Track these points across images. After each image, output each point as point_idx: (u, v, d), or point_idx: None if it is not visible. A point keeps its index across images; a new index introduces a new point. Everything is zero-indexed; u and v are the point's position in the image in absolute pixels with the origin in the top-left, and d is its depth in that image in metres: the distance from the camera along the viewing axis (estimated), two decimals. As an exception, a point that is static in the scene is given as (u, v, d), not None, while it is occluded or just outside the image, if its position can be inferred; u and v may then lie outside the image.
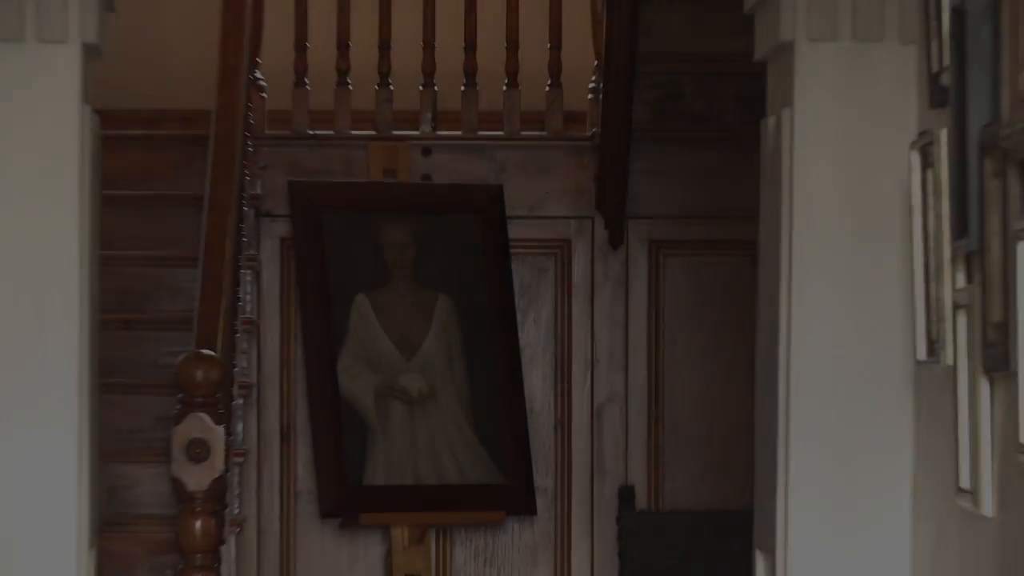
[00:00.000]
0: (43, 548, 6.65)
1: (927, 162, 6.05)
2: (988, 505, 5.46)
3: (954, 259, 5.75)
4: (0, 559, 6.57)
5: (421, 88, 11.44)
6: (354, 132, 11.41)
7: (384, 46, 11.37)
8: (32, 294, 6.56)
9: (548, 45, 11.45)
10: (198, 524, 9.70)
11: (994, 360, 5.31)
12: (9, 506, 6.58)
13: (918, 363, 6.29)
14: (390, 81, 11.38)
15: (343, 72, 11.38)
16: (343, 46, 11.37)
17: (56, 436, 6.59)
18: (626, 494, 11.33)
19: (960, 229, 5.63)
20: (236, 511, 10.40)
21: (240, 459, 10.49)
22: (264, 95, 11.24)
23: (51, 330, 6.58)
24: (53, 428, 6.60)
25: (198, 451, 9.68)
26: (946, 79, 5.81)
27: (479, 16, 11.41)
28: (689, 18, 10.78)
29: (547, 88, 11.49)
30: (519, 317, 11.26)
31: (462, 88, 11.43)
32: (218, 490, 9.72)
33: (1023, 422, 5.05)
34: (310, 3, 11.44)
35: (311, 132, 11.40)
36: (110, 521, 9.55)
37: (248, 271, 10.84)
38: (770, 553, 6.77)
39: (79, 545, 6.66)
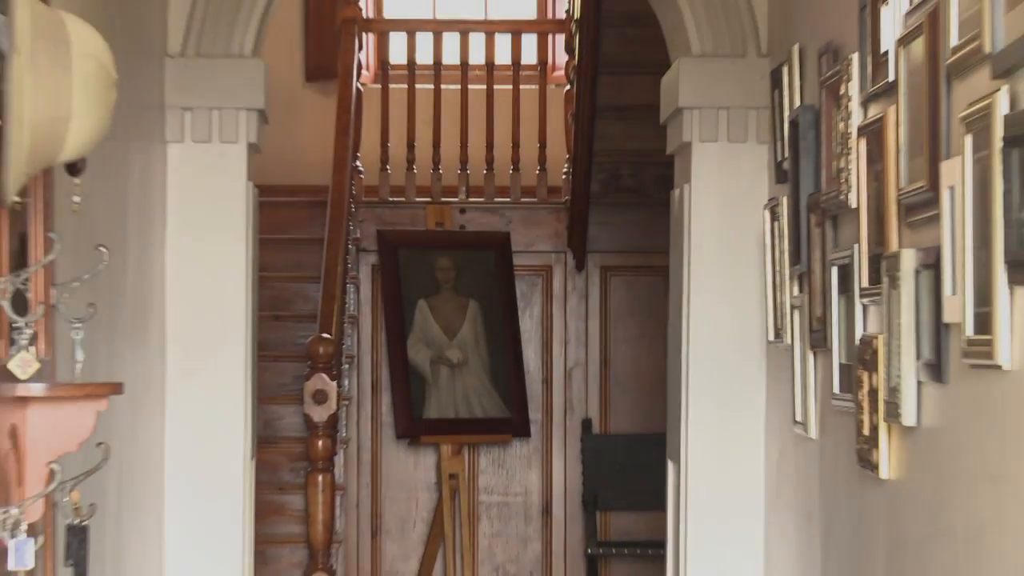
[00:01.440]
0: (225, 457, 6.64)
1: (774, 217, 6.05)
2: (813, 431, 5.49)
3: (791, 278, 5.78)
4: (200, 467, 6.58)
5: (459, 172, 11.38)
6: (417, 199, 11.37)
7: (436, 146, 11.32)
8: (218, 298, 6.58)
9: (537, 145, 11.40)
10: (320, 443, 9.67)
11: (816, 341, 5.40)
12: (206, 432, 6.58)
13: (769, 343, 6.35)
14: (440, 168, 11.33)
15: (410, 162, 11.32)
16: (410, 146, 11.31)
17: (233, 388, 6.63)
18: (586, 424, 11.26)
19: (795, 259, 5.67)
20: (344, 434, 10.36)
21: (346, 403, 10.45)
22: (361, 175, 11.19)
23: (230, 321, 6.58)
24: (231, 383, 6.63)
25: (320, 397, 9.65)
26: (786, 165, 5.81)
27: (495, 127, 11.37)
28: (626, 128, 10.71)
29: (537, 172, 11.42)
30: (520, 314, 11.21)
31: (484, 172, 11.37)
32: (332, 422, 9.69)
33: (835, 379, 5.05)
34: (391, 119, 11.39)
35: (390, 199, 11.35)
36: (264, 440, 9.54)
37: (351, 285, 10.81)
38: (676, 461, 6.77)
39: (245, 455, 6.69)
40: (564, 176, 11.42)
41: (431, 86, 11.53)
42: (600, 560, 11.10)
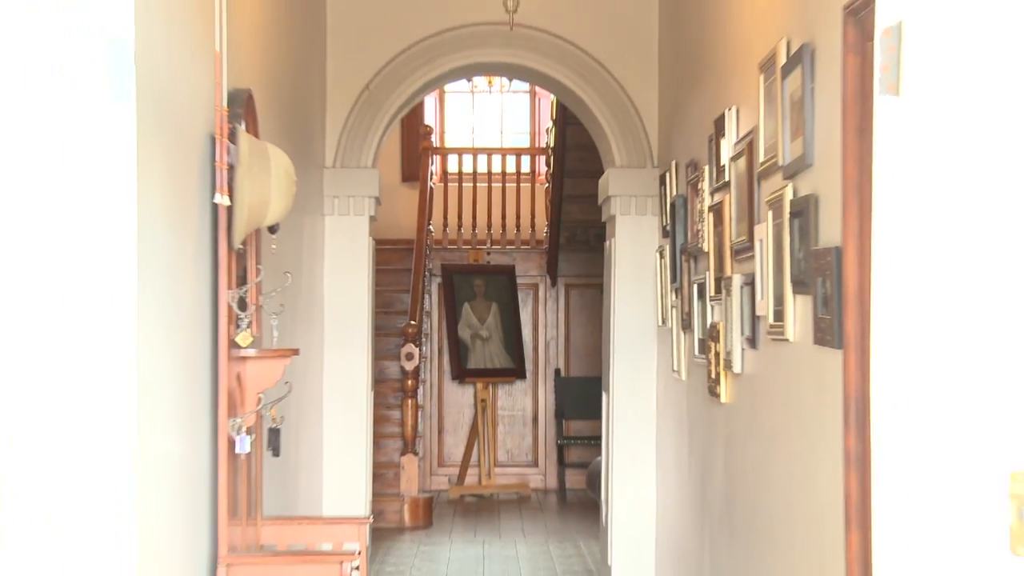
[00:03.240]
0: (357, 390, 6.57)
1: (661, 256, 6.01)
2: (683, 376, 5.43)
3: (671, 290, 5.72)
4: (343, 396, 6.51)
5: (487, 232, 11.38)
6: (463, 246, 11.36)
7: (474, 217, 11.29)
8: (353, 301, 6.53)
9: (530, 216, 11.39)
10: (409, 382, 9.66)
11: (685, 325, 5.33)
12: (346, 376, 6.52)
13: (658, 327, 6.28)
14: (476, 229, 11.31)
15: (459, 226, 11.32)
16: (459, 217, 11.31)
17: (360, 351, 6.54)
18: (557, 372, 11.24)
19: (673, 279, 5.62)
20: (422, 377, 10.34)
21: (424, 359, 10.45)
22: (431, 233, 11.17)
23: (359, 314, 6.53)
24: (360, 348, 6.55)
25: (409, 356, 9.61)
26: (668, 228, 5.77)
27: (506, 207, 11.35)
28: (579, 208, 10.69)
29: (530, 231, 11.42)
30: (520, 310, 11.20)
31: (500, 232, 11.37)
32: (416, 370, 9.70)
33: (695, 346, 5.01)
34: (448, 202, 11.39)
35: (448, 246, 11.34)
36: (378, 381, 9.51)
37: (426, 294, 10.81)
38: (607, 392, 6.72)
39: (368, 389, 6.63)
40: (545, 233, 11.40)
41: (470, 184, 11.53)
42: (565, 447, 11.10)
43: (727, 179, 4.30)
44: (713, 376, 4.54)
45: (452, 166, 11.97)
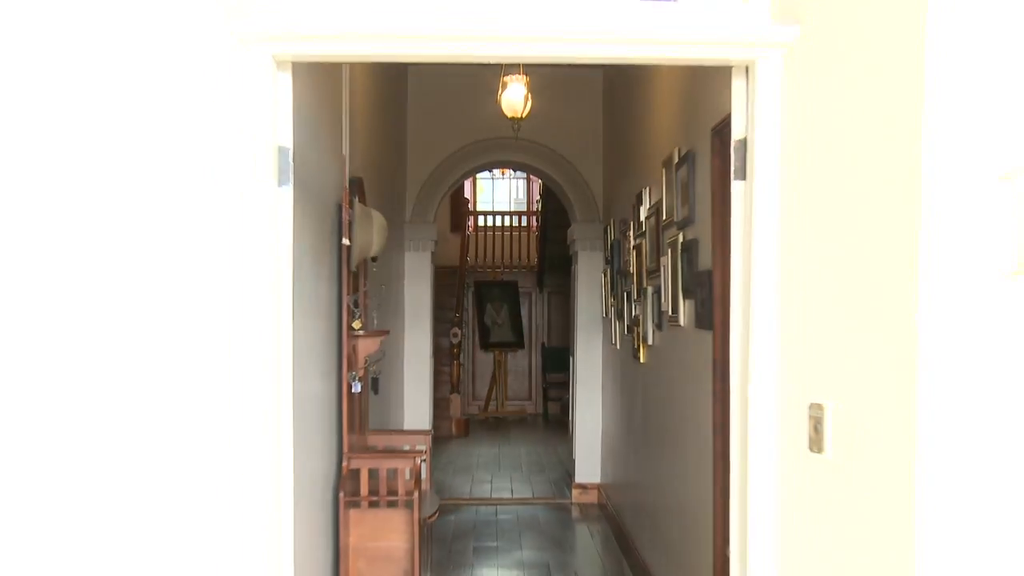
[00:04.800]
0: (421, 356, 6.44)
1: (605, 275, 5.90)
2: (618, 346, 5.32)
3: (611, 296, 5.61)
4: (414, 359, 6.38)
5: (501, 260, 11.29)
6: (486, 269, 11.22)
7: (492, 251, 11.20)
8: (419, 304, 6.45)
9: (527, 251, 11.32)
10: (455, 350, 9.57)
11: (618, 316, 5.19)
12: (416, 349, 6.40)
13: (603, 317, 6.16)
14: (494, 259, 11.23)
15: (484, 258, 11.23)
16: (484, 252, 11.22)
17: (424, 332, 6.42)
18: (543, 344, 11.17)
19: (612, 290, 5.49)
20: (463, 347, 10.19)
21: (464, 337, 10.32)
22: (468, 261, 11.12)
23: (423, 311, 6.44)
24: (424, 331, 6.41)
25: (455, 336, 9.52)
26: (608, 258, 5.69)
27: (512, 245, 11.27)
28: (557, 245, 10.58)
29: (527, 260, 11.35)
30: (520, 308, 11.13)
31: (509, 260, 11.29)
32: (459, 343, 9.60)
33: (624, 329, 4.91)
34: (480, 242, 11.27)
35: (478, 270, 11.23)
36: (436, 350, 9.28)
37: (465, 299, 10.71)
38: (573, 356, 6.63)
39: (429, 354, 6.52)
40: (537, 261, 11.34)
41: (491, 232, 11.41)
42: (547, 389, 10.89)
43: (643, 230, 4.27)
44: (635, 346, 4.51)
45: (480, 221, 11.92)
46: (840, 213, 1.59)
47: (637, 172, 4.72)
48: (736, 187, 1.93)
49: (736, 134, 1.90)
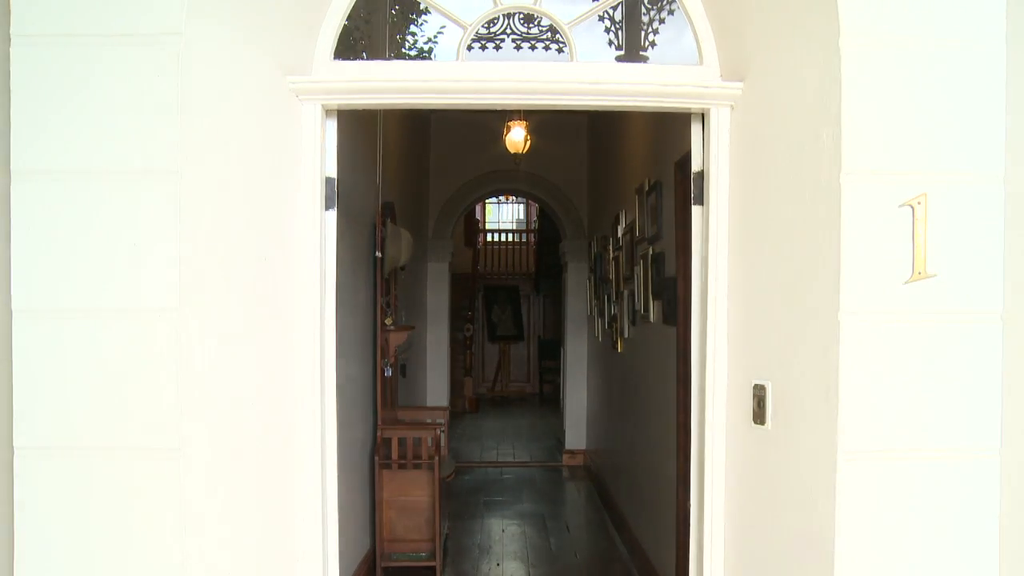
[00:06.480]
0: (442, 340, 6.32)
1: (590, 282, 5.77)
2: (600, 339, 5.22)
3: (594, 298, 5.49)
4: (437, 345, 6.29)
5: (505, 268, 11.16)
6: (493, 276, 11.13)
7: (498, 261, 11.09)
8: (438, 304, 6.34)
9: (526, 261, 11.21)
10: (468, 341, 9.49)
11: (599, 314, 5.10)
12: (438, 337, 6.29)
13: (587, 316, 6.03)
14: (499, 268, 11.12)
15: (491, 267, 11.15)
16: (492, 262, 11.11)
17: (443, 327, 6.29)
18: (540, 337, 11.10)
19: (596, 294, 5.38)
20: (474, 339, 10.09)
21: (475, 331, 10.22)
22: (479, 268, 11.05)
23: (442, 310, 6.35)
24: (442, 326, 6.28)
25: (468, 329, 9.47)
26: (592, 268, 5.56)
27: (514, 255, 11.18)
28: (551, 256, 10.45)
29: (525, 268, 11.25)
30: (520, 308, 11.07)
31: (512, 268, 11.17)
32: (472, 336, 9.52)
33: (605, 324, 4.79)
34: (488, 255, 11.22)
35: (487, 276, 11.12)
36: (452, 341, 9.10)
37: (476, 300, 10.61)
38: (564, 347, 6.51)
39: (447, 344, 6.39)
40: (534, 269, 11.28)
41: (498, 246, 11.28)
42: (543, 372, 10.71)
43: (620, 245, 4.24)
44: (614, 339, 4.48)
45: (489, 237, 11.84)
46: (777, 232, 1.62)
47: (615, 198, 4.70)
48: (695, 211, 1.94)
49: (695, 167, 1.93)
